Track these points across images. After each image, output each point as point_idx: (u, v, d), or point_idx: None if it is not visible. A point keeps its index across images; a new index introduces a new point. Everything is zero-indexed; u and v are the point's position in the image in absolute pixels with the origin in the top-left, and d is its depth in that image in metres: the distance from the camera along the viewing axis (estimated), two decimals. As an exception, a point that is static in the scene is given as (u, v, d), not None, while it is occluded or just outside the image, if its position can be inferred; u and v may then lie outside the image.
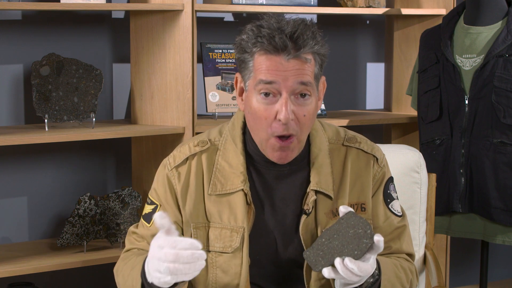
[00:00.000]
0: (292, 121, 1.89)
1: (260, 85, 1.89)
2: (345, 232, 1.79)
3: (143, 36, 3.07)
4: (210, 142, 2.05)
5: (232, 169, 1.99)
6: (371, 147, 2.08)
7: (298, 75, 1.88)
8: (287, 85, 1.87)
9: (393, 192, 2.10)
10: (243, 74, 1.95)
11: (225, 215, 1.98)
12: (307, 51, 1.89)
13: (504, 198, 3.00)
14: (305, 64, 1.89)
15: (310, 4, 3.26)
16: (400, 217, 2.09)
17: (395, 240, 2.06)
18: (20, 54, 3.06)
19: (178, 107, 3.00)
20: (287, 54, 1.86)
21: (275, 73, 1.87)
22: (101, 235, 2.97)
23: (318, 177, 1.99)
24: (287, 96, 1.88)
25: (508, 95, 2.97)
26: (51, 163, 3.16)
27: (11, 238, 3.11)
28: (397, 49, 3.71)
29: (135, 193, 2.98)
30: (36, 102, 2.92)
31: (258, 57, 1.89)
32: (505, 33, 3.00)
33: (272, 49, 1.86)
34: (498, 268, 4.19)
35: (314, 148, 2.02)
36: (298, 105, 1.90)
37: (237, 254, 1.97)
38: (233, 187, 1.98)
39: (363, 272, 1.76)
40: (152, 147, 3.11)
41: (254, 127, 1.95)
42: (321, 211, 1.99)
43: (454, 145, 3.07)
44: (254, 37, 1.89)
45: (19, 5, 2.75)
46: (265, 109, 1.90)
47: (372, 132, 3.83)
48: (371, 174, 2.05)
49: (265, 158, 1.99)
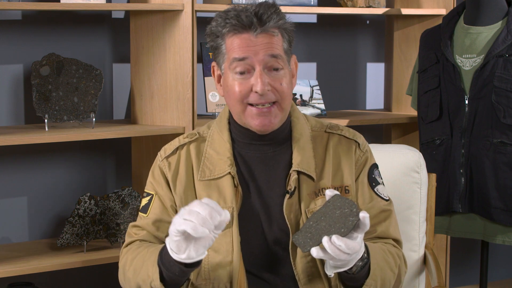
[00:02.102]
0: (269, 91, 1.99)
1: (234, 63, 2.00)
2: (332, 213, 1.84)
3: (143, 36, 3.07)
4: (198, 134, 2.16)
5: (220, 155, 2.09)
6: (353, 133, 2.17)
7: (268, 49, 1.99)
8: (258, 59, 1.99)
9: (378, 177, 2.16)
10: (217, 60, 2.07)
11: (214, 198, 2.06)
12: (272, 26, 2.00)
13: (504, 198, 3.00)
14: (272, 37, 2.00)
15: (310, 4, 3.26)
16: (387, 201, 2.14)
17: (381, 224, 2.11)
18: (20, 54, 3.06)
19: (178, 107, 3.00)
20: (255, 30, 1.98)
21: (246, 49, 1.99)
22: (101, 235, 2.97)
23: (299, 158, 2.07)
24: (261, 69, 1.99)
25: (508, 95, 2.97)
26: (51, 163, 3.16)
27: (11, 238, 3.11)
28: (397, 49, 3.71)
29: (135, 193, 2.99)
30: (36, 102, 2.92)
31: (228, 38, 2.01)
32: (505, 33, 3.00)
33: (240, 27, 1.99)
34: (498, 268, 4.19)
35: (296, 133, 2.11)
36: (273, 77, 2.01)
37: (227, 233, 2.03)
38: (221, 172, 2.08)
39: (351, 249, 1.80)
40: (152, 147, 3.11)
41: (231, 104, 2.05)
42: (304, 192, 2.06)
43: (454, 145, 3.07)
44: (222, 20, 2.01)
45: (19, 5, 2.75)
46: (240, 83, 2.01)
47: (372, 132, 3.83)
48: (353, 158, 2.13)
49: (250, 139, 2.08)
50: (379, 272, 1.95)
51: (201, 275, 2.05)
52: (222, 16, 2.02)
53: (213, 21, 2.04)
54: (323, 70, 3.77)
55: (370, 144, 2.57)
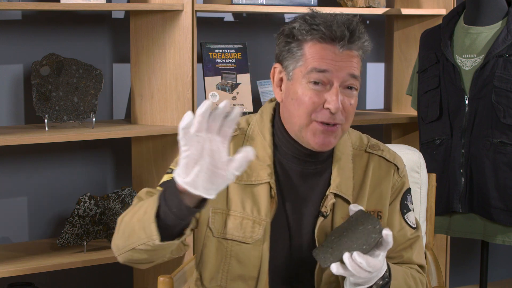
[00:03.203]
0: (340, 111, 1.89)
1: (312, 73, 1.88)
2: (355, 229, 1.79)
3: (143, 36, 3.07)
4: (239, 130, 2.02)
5: (259, 161, 1.97)
6: (393, 156, 2.08)
7: (350, 67, 1.89)
8: (339, 75, 1.88)
9: (409, 204, 2.09)
10: (286, 64, 1.93)
11: (248, 205, 1.96)
12: (359, 45, 1.90)
13: (504, 198, 3.00)
14: (355, 57, 1.90)
15: (310, 4, 3.26)
16: (414, 229, 2.08)
17: (406, 250, 2.05)
18: (20, 54, 3.06)
19: (178, 107, 3.00)
20: (342, 45, 1.87)
21: (330, 62, 1.87)
22: (101, 235, 2.97)
23: (338, 180, 1.98)
24: (338, 86, 1.88)
25: (508, 95, 2.97)
26: (51, 163, 3.16)
27: (11, 238, 3.11)
28: (397, 49, 3.71)
29: (135, 193, 2.99)
30: (36, 102, 2.92)
31: (311, 45, 1.89)
32: (505, 33, 3.00)
33: (328, 37, 1.87)
34: (498, 268, 4.19)
35: (338, 151, 2.02)
36: (346, 96, 1.90)
37: (257, 247, 1.94)
38: (259, 179, 1.96)
39: (372, 267, 1.76)
40: (152, 147, 3.11)
41: (295, 113, 1.92)
42: (338, 215, 1.97)
43: (454, 145, 3.07)
44: (308, 25, 1.89)
45: (19, 5, 2.75)
46: (314, 95, 1.89)
47: (372, 132, 3.81)
48: (390, 183, 2.04)
49: (294, 152, 1.97)
50: None
51: (216, 279, 1.97)
52: (308, 20, 1.90)
53: (295, 23, 1.91)
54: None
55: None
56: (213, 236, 1.96)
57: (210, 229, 1.97)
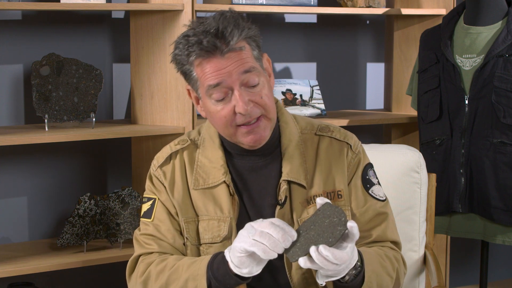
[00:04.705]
0: (252, 108, 1.94)
1: (210, 90, 1.94)
2: (321, 222, 1.81)
3: (143, 36, 3.07)
4: (190, 140, 2.11)
5: (212, 163, 2.05)
6: (344, 134, 2.11)
7: (239, 66, 1.92)
8: (233, 80, 1.92)
9: (373, 178, 2.11)
10: (191, 85, 2.01)
11: (210, 207, 2.03)
12: (236, 41, 1.91)
13: (504, 198, 3.00)
14: (241, 52, 1.92)
15: (310, 4, 3.26)
16: (383, 201, 2.10)
17: (377, 227, 2.07)
18: (20, 54, 3.06)
19: (178, 107, 3.00)
20: (221, 51, 1.90)
21: (218, 73, 1.92)
22: (101, 235, 2.97)
23: (289, 167, 2.03)
24: (239, 88, 1.92)
25: (508, 95, 2.97)
26: (51, 163, 3.16)
27: (11, 238, 3.11)
28: (397, 49, 3.71)
29: (135, 193, 2.99)
30: (36, 102, 2.92)
31: (197, 65, 1.94)
32: (505, 33, 3.00)
33: (205, 54, 1.91)
34: (498, 268, 4.19)
35: (284, 139, 2.07)
36: (251, 91, 1.94)
37: (226, 243, 2.01)
38: (215, 180, 2.04)
39: (338, 259, 1.77)
40: (152, 147, 3.11)
41: (219, 128, 2.00)
42: (296, 201, 2.03)
43: (454, 145, 3.07)
44: (185, 48, 1.93)
45: (19, 5, 2.75)
46: (223, 108, 1.95)
47: (372, 132, 3.83)
48: (345, 161, 2.08)
49: (240, 150, 2.04)
50: (375, 278, 1.93)
51: None
52: (183, 43, 1.94)
53: (175, 49, 1.97)
54: (323, 70, 3.77)
55: (370, 144, 2.58)
56: (192, 245, 2.05)
57: (187, 239, 2.06)
